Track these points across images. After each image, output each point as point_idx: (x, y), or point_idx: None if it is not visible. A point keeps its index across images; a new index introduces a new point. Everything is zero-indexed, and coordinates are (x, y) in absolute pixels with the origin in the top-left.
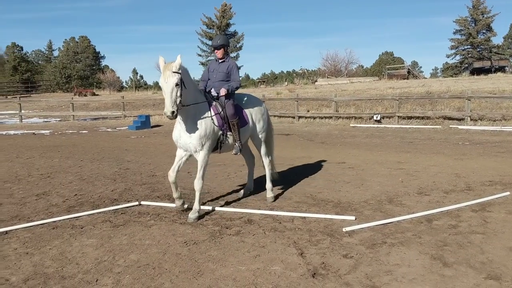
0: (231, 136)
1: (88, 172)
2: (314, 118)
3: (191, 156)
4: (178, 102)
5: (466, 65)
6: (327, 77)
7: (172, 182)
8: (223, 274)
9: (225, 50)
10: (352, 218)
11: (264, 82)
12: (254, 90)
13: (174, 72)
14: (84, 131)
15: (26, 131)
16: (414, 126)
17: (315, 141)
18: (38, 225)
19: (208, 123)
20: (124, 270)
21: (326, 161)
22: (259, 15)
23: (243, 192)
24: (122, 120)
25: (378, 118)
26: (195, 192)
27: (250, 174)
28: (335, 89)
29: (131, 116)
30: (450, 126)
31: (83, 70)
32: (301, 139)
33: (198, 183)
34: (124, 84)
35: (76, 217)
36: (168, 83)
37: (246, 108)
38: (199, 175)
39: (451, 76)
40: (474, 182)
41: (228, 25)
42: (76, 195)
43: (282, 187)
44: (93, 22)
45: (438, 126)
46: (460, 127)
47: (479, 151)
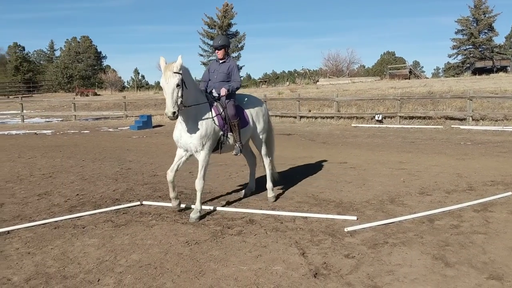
0: (231, 137)
1: (89, 172)
2: (316, 118)
3: (191, 156)
4: (179, 103)
5: (468, 65)
6: (329, 77)
7: (170, 181)
8: (224, 274)
9: (225, 50)
10: (354, 218)
11: (265, 82)
12: (255, 90)
13: (175, 72)
14: (86, 131)
15: (28, 131)
16: (416, 126)
17: (317, 141)
18: (40, 225)
19: (209, 123)
20: (125, 270)
21: (328, 161)
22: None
23: (245, 192)
24: (124, 120)
25: (380, 118)
26: (196, 192)
27: (252, 174)
28: (337, 89)
29: (132, 116)
30: (452, 126)
31: (85, 70)
32: (302, 139)
33: (199, 183)
34: (125, 84)
35: (78, 217)
36: (169, 83)
37: (246, 108)
38: (200, 175)
39: (453, 76)
40: (476, 182)
41: (229, 25)
42: (78, 195)
43: (284, 187)
44: (94, 22)
45: (440, 126)
46: (462, 127)
47: (481, 151)
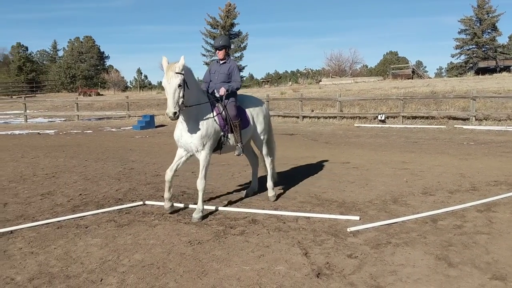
0: (232, 138)
1: (92, 172)
2: (319, 118)
3: (191, 156)
4: (180, 103)
5: (471, 64)
6: (332, 77)
7: (168, 180)
8: (227, 274)
9: (226, 51)
10: (357, 218)
11: (268, 82)
12: (258, 90)
13: (177, 73)
14: (88, 131)
15: (31, 131)
16: (419, 126)
17: (320, 141)
18: (43, 224)
19: (209, 123)
20: (128, 269)
21: (331, 161)
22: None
23: (248, 192)
24: (127, 120)
25: (383, 118)
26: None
27: (254, 174)
28: (340, 89)
29: (135, 116)
30: (455, 126)
31: (88, 70)
32: (305, 139)
33: (201, 183)
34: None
35: (81, 216)
36: (170, 84)
37: (247, 109)
38: (201, 175)
39: (456, 76)
40: (479, 182)
41: (232, 25)
42: (80, 194)
43: (287, 187)
44: (97, 22)
45: (443, 126)
46: (465, 127)
47: (484, 151)
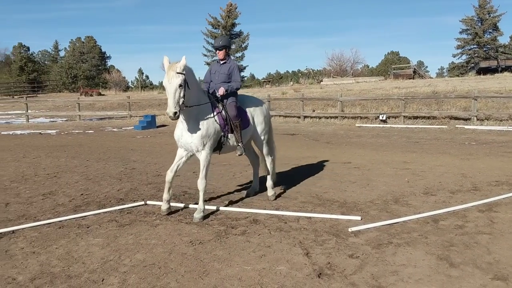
0: (232, 138)
1: (94, 172)
2: (320, 118)
3: (192, 156)
4: (181, 103)
5: (473, 64)
6: (333, 77)
7: (168, 181)
8: (228, 274)
9: (226, 51)
10: (358, 218)
11: (269, 82)
12: (259, 90)
13: (178, 73)
14: (90, 131)
15: (32, 131)
16: (420, 126)
17: (321, 141)
18: (44, 224)
19: (210, 123)
20: (130, 269)
21: (332, 161)
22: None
23: (249, 192)
24: (128, 120)
25: (384, 118)
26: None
27: (255, 174)
28: (341, 89)
29: (137, 116)
30: (457, 126)
31: (89, 70)
32: (306, 139)
33: (202, 183)
34: (130, 84)
35: (82, 216)
36: (171, 83)
37: (248, 109)
38: (202, 174)
39: (457, 75)
40: (480, 182)
41: (233, 25)
42: (82, 194)
43: (288, 187)
44: (99, 22)
45: (444, 126)
46: (466, 127)
47: (485, 151)
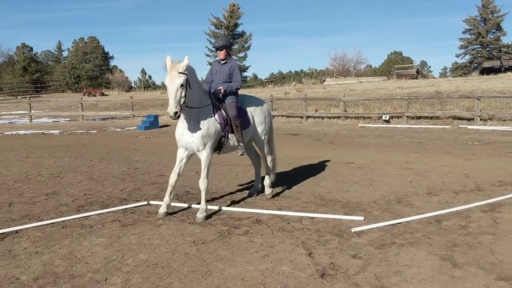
0: (232, 138)
1: (97, 172)
2: (323, 118)
3: (192, 155)
4: (182, 103)
5: (476, 64)
6: (336, 77)
7: (171, 185)
8: (231, 274)
9: (227, 51)
10: (361, 218)
11: (272, 82)
12: (262, 90)
13: (180, 72)
14: (93, 131)
15: (36, 131)
16: (423, 126)
17: (324, 141)
18: (48, 224)
19: (210, 122)
20: (133, 269)
21: (335, 161)
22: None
23: (251, 192)
24: (131, 120)
25: (387, 118)
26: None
27: (257, 174)
28: (344, 89)
29: (139, 116)
30: (460, 126)
31: (92, 71)
32: (309, 139)
33: (203, 183)
34: (132, 84)
35: (86, 216)
36: (173, 83)
37: (248, 109)
38: (203, 174)
39: (461, 75)
40: (483, 182)
41: (236, 25)
42: (85, 194)
43: (291, 187)
44: (102, 22)
45: (448, 126)
46: (469, 127)
47: (488, 151)
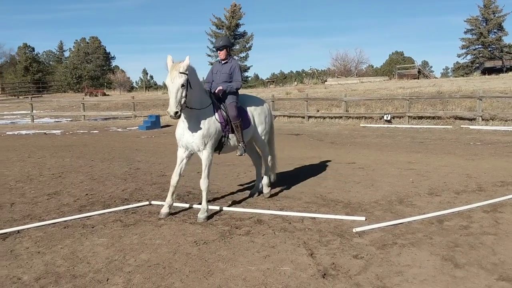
0: (232, 138)
1: (99, 172)
2: (324, 118)
3: (192, 155)
4: (182, 103)
5: (477, 64)
6: (337, 77)
7: (173, 185)
8: (233, 274)
9: (227, 51)
10: (363, 218)
11: (273, 82)
12: (263, 90)
13: (181, 72)
14: (94, 131)
15: (37, 131)
16: (425, 126)
17: (325, 141)
18: (49, 224)
19: (211, 122)
20: (134, 269)
21: (336, 161)
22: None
23: (252, 192)
24: (133, 120)
25: (389, 118)
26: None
27: (258, 174)
28: (345, 89)
29: (141, 116)
30: (461, 126)
31: (94, 71)
32: (310, 139)
33: (204, 183)
34: (134, 84)
35: (87, 216)
36: (174, 83)
37: (249, 109)
38: (204, 174)
39: (462, 75)
40: (485, 182)
41: (237, 25)
42: (87, 194)
43: (292, 187)
44: (103, 22)
45: (449, 126)
46: (471, 127)
47: (490, 151)
